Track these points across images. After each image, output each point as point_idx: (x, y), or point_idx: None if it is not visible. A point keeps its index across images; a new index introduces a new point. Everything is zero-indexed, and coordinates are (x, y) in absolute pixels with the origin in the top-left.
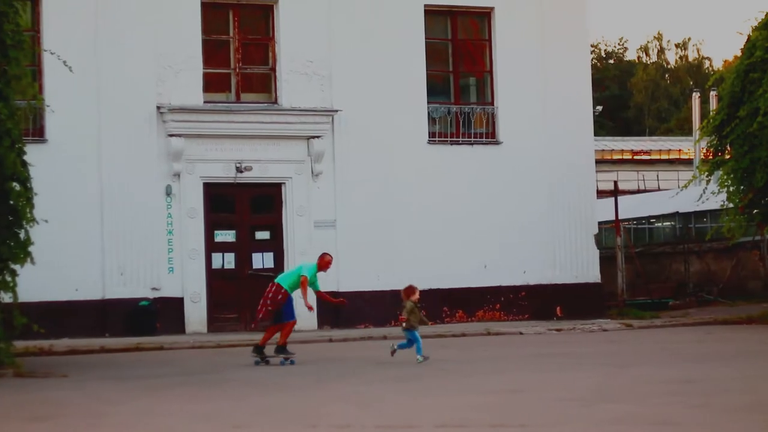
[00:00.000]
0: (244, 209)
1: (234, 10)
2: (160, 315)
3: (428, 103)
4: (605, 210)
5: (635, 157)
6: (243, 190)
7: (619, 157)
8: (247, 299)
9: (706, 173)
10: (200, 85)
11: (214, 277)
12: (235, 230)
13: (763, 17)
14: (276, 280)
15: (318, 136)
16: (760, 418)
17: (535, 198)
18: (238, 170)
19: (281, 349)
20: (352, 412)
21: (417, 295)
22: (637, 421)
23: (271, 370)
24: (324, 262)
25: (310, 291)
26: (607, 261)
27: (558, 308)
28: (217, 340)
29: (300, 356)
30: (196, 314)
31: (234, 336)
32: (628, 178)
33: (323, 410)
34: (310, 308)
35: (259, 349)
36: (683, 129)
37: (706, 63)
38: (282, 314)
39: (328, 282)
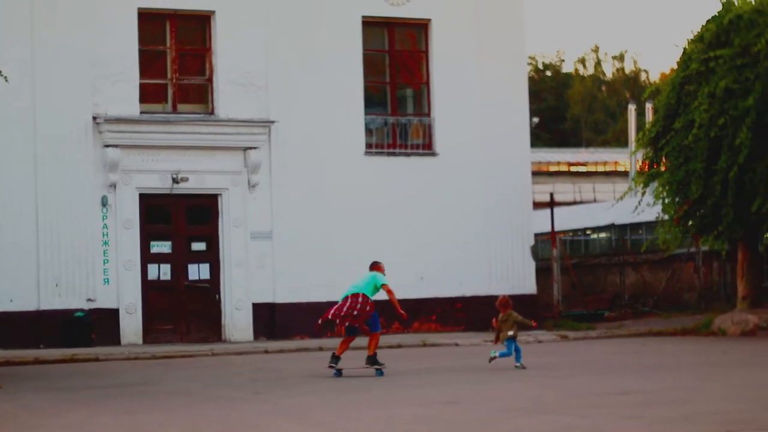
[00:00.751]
0: (180, 220)
1: (171, 20)
2: (96, 326)
3: (365, 114)
4: (541, 221)
5: (572, 169)
6: (179, 201)
7: (556, 168)
8: (182, 310)
9: (642, 185)
10: (137, 96)
11: (149, 288)
12: (171, 241)
13: (699, 30)
14: (357, 291)
15: (254, 147)
16: (694, 429)
17: (472, 209)
18: (175, 181)
19: (372, 359)
20: (287, 425)
21: (510, 306)
22: None
23: (207, 381)
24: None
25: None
26: (543, 273)
27: (494, 320)
28: (152, 351)
29: (236, 368)
30: (131, 325)
31: (170, 347)
32: (564, 190)
33: (260, 422)
34: (404, 316)
35: (336, 359)
36: (620, 141)
37: (643, 75)
38: (369, 325)
39: (263, 293)
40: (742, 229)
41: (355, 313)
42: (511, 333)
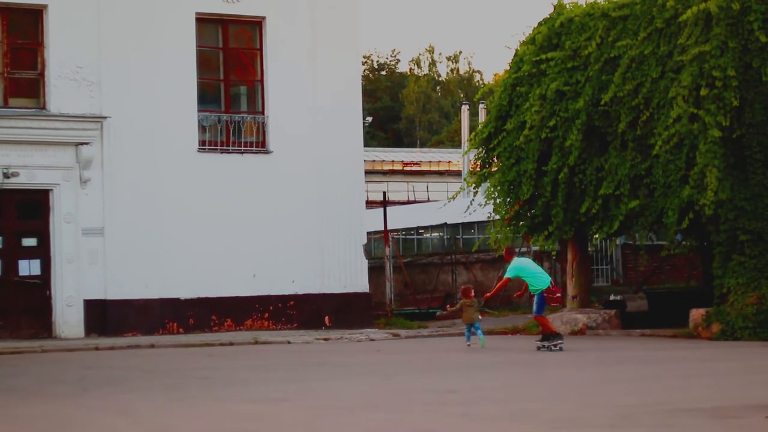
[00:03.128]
0: (10, 215)
1: (2, 13)
2: None
3: (199, 111)
4: (375, 220)
5: (406, 168)
6: (9, 196)
7: (390, 168)
8: (12, 306)
9: (474, 185)
10: None
11: None
12: (2, 237)
13: (531, 32)
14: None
15: (87, 143)
16: (519, 427)
17: (305, 207)
18: (5, 176)
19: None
20: (113, 421)
21: (471, 294)
22: (399, 430)
23: (35, 378)
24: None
25: None
26: (375, 271)
27: (327, 317)
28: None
29: (66, 364)
30: None
31: None
32: (398, 189)
33: (86, 419)
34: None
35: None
36: (453, 141)
37: (477, 76)
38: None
39: (95, 289)
40: (571, 230)
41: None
42: (480, 318)
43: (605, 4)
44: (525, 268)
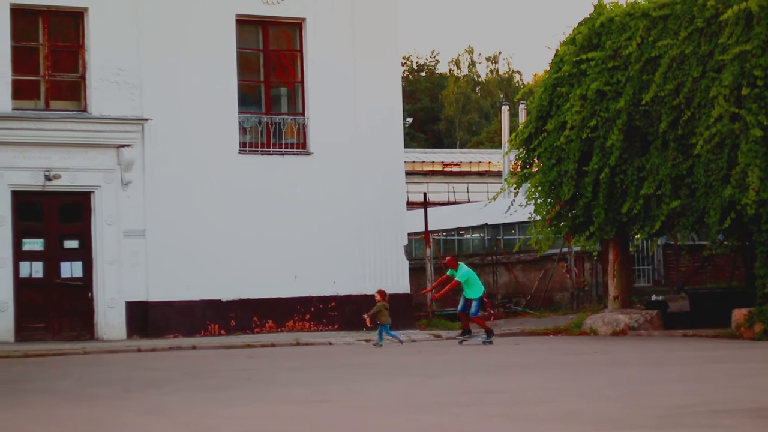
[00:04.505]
0: (52, 218)
1: (43, 16)
2: None
3: (239, 113)
4: (415, 221)
5: (446, 169)
6: (51, 199)
7: (430, 169)
8: (55, 308)
9: (515, 186)
10: (9, 92)
11: (22, 285)
12: (44, 239)
13: (571, 32)
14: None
15: (128, 145)
16: (560, 428)
17: (346, 208)
18: (47, 178)
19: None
20: (154, 422)
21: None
22: (439, 431)
23: (78, 380)
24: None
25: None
26: (416, 272)
27: (368, 318)
28: (24, 349)
29: (108, 366)
30: (3, 323)
31: (42, 345)
32: (438, 190)
33: (127, 420)
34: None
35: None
36: (493, 142)
37: (516, 77)
38: None
39: (136, 291)
40: (613, 230)
41: None
42: (389, 321)
43: (646, 4)
44: (472, 276)
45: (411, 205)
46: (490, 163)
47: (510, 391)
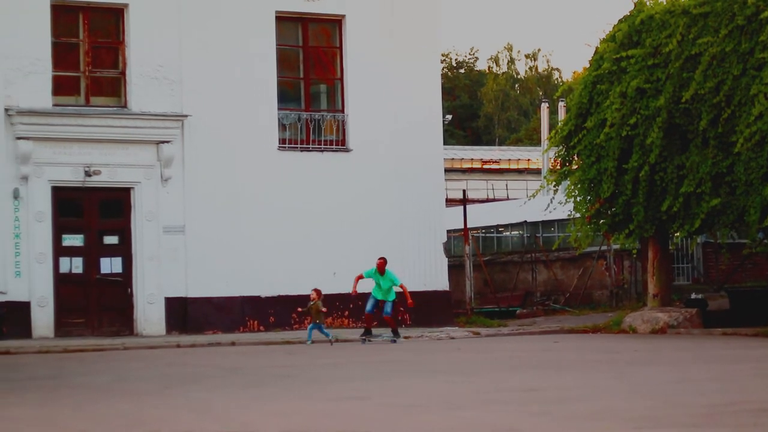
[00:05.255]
0: (92, 213)
1: (84, 12)
2: (7, 319)
3: (279, 109)
4: (454, 218)
5: (485, 167)
6: (91, 194)
7: (469, 166)
8: (94, 304)
9: (554, 183)
10: (49, 88)
11: (61, 281)
12: (84, 234)
13: (611, 29)
14: None
15: (167, 141)
16: (600, 426)
17: (385, 205)
18: (87, 174)
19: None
20: (194, 419)
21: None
22: (479, 428)
23: (118, 375)
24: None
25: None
26: (455, 269)
27: (406, 315)
28: (64, 344)
29: (148, 362)
30: (43, 319)
31: (81, 341)
32: (477, 187)
33: (165, 416)
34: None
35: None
36: (532, 139)
37: (556, 74)
38: None
39: (176, 287)
40: (652, 228)
41: None
42: (323, 319)
43: (686, 2)
44: (396, 282)
45: (450, 202)
46: (529, 160)
47: (550, 389)
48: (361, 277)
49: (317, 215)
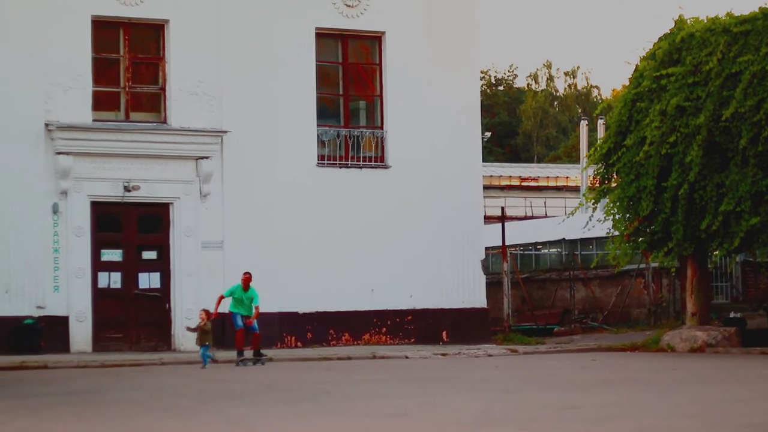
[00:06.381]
0: (131, 228)
1: (125, 28)
2: (45, 333)
3: (318, 125)
4: (492, 235)
5: (523, 184)
6: (130, 210)
7: (507, 183)
8: (132, 319)
9: (593, 201)
10: (89, 103)
11: (100, 296)
12: (122, 249)
13: (651, 47)
14: None
15: (207, 157)
16: None
17: (423, 222)
18: (126, 189)
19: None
20: None
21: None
22: None
23: (156, 390)
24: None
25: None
26: (493, 286)
27: (444, 333)
28: (102, 359)
29: (185, 377)
30: (81, 333)
31: (119, 356)
32: (515, 204)
33: None
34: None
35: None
36: (571, 156)
37: (595, 91)
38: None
39: (214, 302)
40: (691, 246)
41: None
42: (208, 342)
43: (726, 20)
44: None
45: (488, 219)
46: (567, 177)
47: (589, 407)
48: (222, 297)
49: (355, 231)
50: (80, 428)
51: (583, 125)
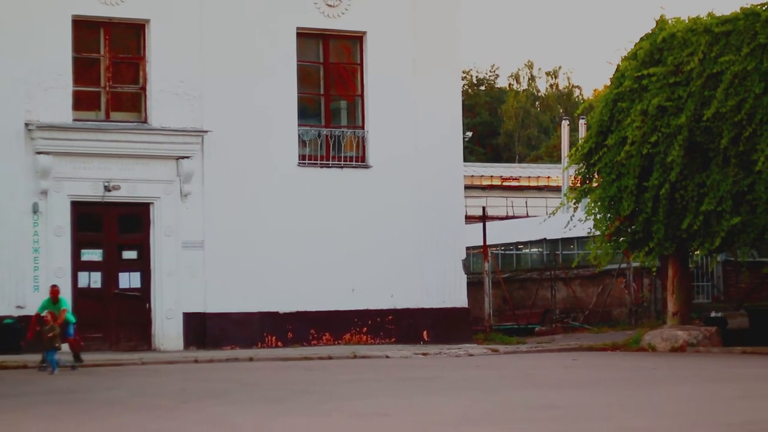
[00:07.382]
0: (111, 228)
1: (105, 28)
2: (25, 333)
3: (299, 125)
4: (473, 235)
5: (504, 184)
6: (111, 209)
7: (489, 183)
8: (113, 319)
9: (574, 201)
10: (69, 103)
11: (80, 296)
12: (102, 249)
13: (632, 47)
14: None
15: (187, 157)
16: None
17: (404, 222)
18: (107, 189)
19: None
20: None
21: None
22: None
23: (136, 390)
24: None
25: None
26: (474, 286)
27: (425, 332)
28: (82, 359)
29: (165, 377)
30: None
31: (99, 355)
32: (496, 204)
33: (183, 431)
34: None
35: None
36: (552, 156)
37: (576, 91)
38: None
39: (194, 302)
40: (672, 246)
41: None
42: (55, 345)
43: (708, 20)
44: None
45: (469, 219)
46: (549, 177)
47: (569, 407)
48: (37, 315)
49: (336, 231)
50: (58, 428)
51: (565, 125)
